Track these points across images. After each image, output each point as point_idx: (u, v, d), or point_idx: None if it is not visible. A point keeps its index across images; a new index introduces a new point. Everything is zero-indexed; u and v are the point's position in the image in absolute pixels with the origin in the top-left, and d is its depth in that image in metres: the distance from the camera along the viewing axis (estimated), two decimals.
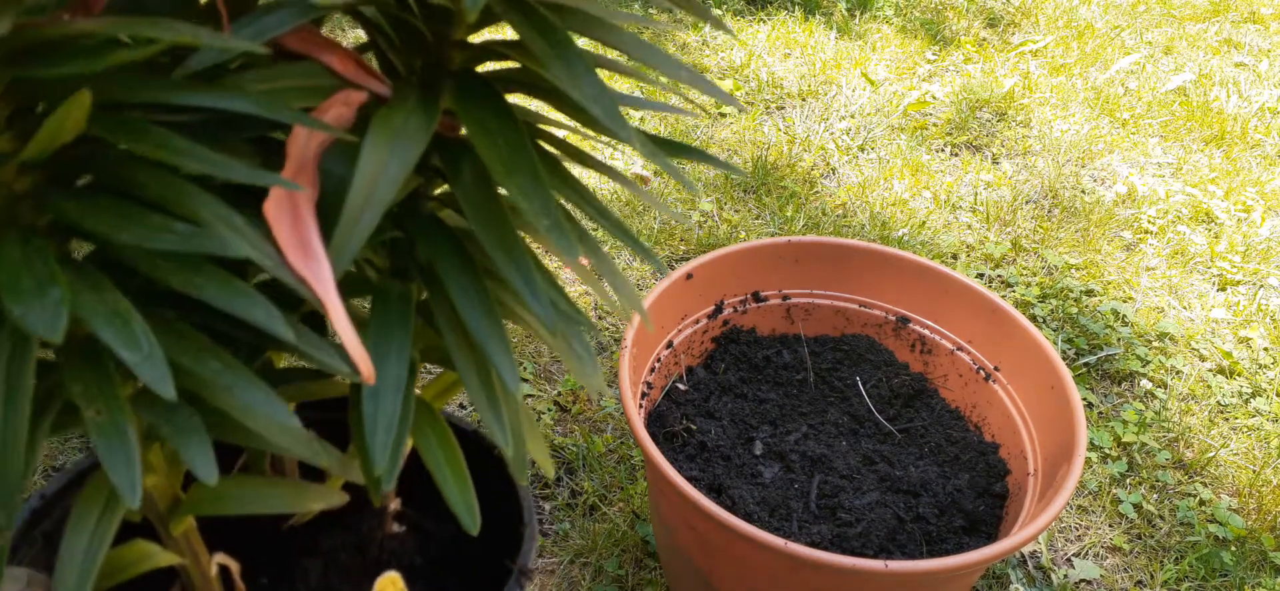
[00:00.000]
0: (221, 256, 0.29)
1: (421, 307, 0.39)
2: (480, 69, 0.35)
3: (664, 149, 0.38)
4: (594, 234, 1.24)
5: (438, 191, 0.40)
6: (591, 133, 0.37)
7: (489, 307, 0.33)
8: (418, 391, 0.42)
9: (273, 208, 0.29)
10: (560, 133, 0.40)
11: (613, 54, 0.38)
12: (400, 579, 0.35)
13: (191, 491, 0.37)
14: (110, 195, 0.28)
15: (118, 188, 0.28)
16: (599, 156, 0.43)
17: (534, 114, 0.40)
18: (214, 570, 0.41)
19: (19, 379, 0.26)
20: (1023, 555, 0.98)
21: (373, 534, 0.47)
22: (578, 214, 0.42)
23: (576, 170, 0.41)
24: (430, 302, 0.37)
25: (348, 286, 0.38)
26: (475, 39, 0.35)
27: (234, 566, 0.42)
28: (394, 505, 0.48)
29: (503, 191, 0.34)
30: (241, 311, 0.27)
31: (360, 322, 0.35)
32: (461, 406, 1.09)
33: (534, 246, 0.45)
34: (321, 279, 0.28)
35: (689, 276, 0.92)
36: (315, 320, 0.38)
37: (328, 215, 0.29)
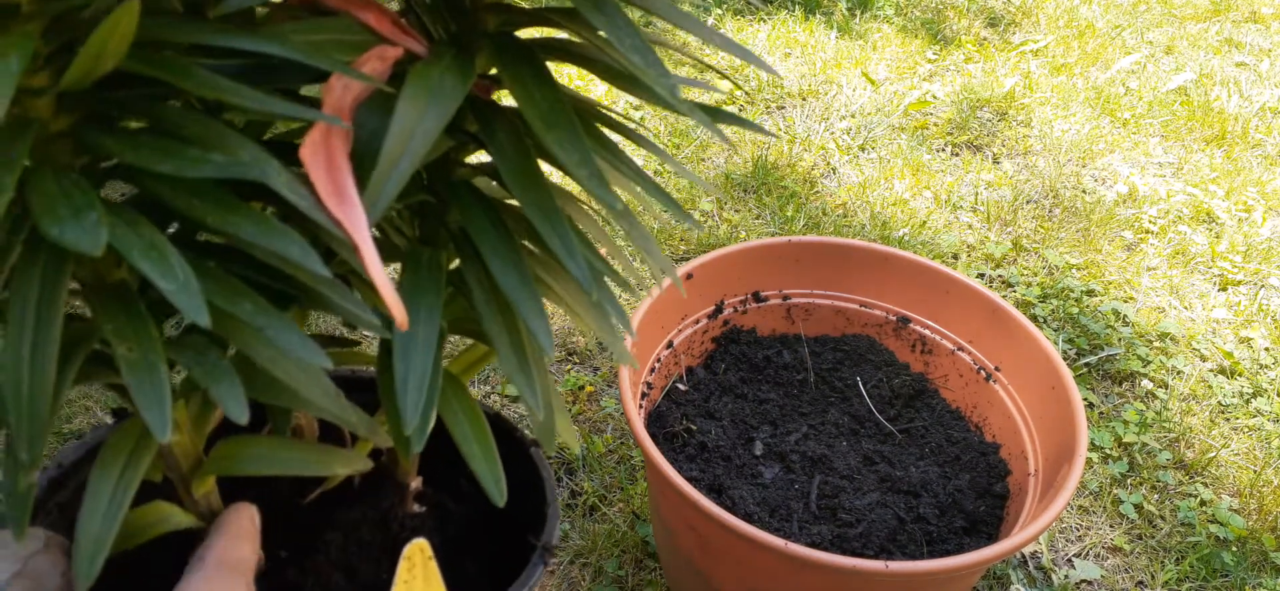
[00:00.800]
0: (256, 196, 0.29)
1: (450, 277, 0.39)
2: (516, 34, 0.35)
3: (706, 113, 0.38)
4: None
5: (469, 159, 0.40)
6: (630, 100, 0.38)
7: (523, 269, 0.33)
8: (444, 364, 0.42)
9: (309, 152, 0.29)
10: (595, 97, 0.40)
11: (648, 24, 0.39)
12: (428, 545, 0.35)
13: (214, 451, 0.37)
14: (149, 135, 0.28)
15: (156, 130, 0.28)
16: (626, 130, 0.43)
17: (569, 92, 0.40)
18: None
19: (49, 315, 0.26)
20: (1023, 555, 0.97)
21: (394, 511, 0.47)
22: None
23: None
24: (462, 266, 0.37)
25: (378, 249, 0.39)
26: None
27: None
28: (415, 483, 0.48)
29: (541, 156, 0.34)
30: (278, 247, 0.27)
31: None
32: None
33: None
34: (356, 223, 0.28)
35: (689, 276, 0.92)
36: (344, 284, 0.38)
37: (361, 168, 0.30)
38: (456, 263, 0.39)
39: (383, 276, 0.28)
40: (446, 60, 0.31)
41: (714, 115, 0.38)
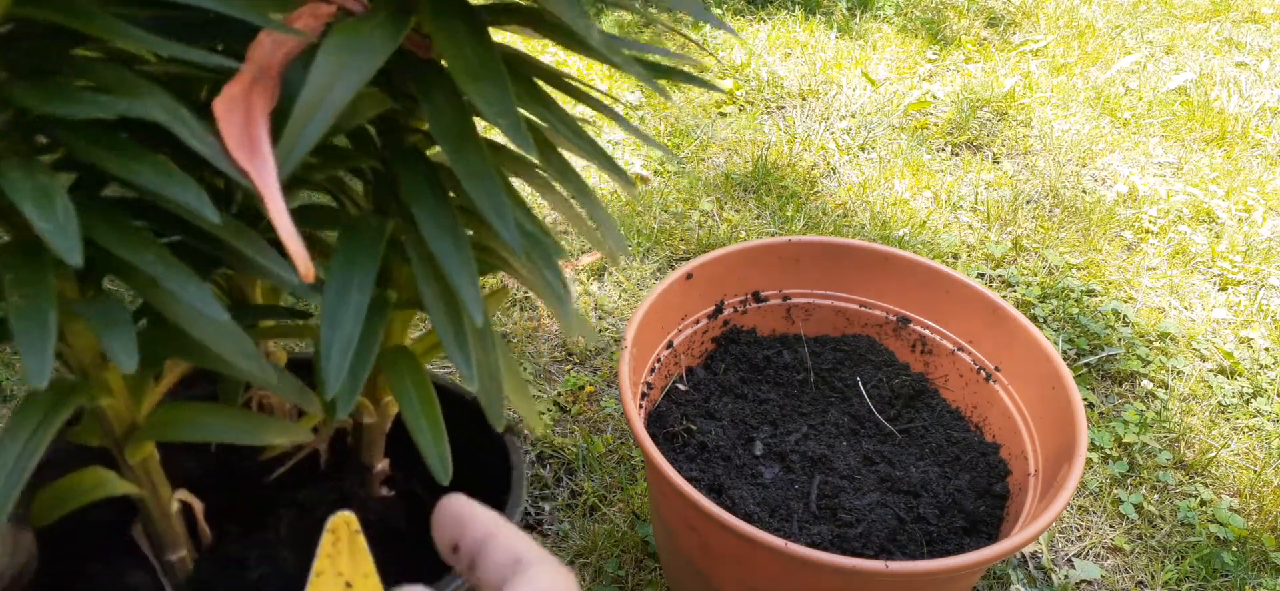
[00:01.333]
0: (160, 145, 0.29)
1: (401, 248, 0.38)
2: None
3: (651, 71, 0.37)
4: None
5: (424, 125, 0.39)
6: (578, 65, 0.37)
7: (458, 237, 0.33)
8: (407, 345, 0.42)
9: (222, 105, 0.28)
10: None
11: None
12: (355, 519, 0.34)
13: (150, 417, 0.36)
14: (54, 81, 0.27)
15: (63, 77, 0.28)
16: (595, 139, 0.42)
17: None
18: (175, 506, 0.40)
19: None
20: (1023, 555, 0.97)
21: (355, 492, 0.46)
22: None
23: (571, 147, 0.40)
24: (405, 237, 0.36)
25: (325, 218, 0.38)
26: None
27: (196, 504, 0.41)
28: (381, 466, 0.47)
29: (475, 113, 0.33)
30: (174, 194, 0.27)
31: (329, 251, 0.35)
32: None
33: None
34: (263, 174, 0.27)
35: (689, 276, 0.92)
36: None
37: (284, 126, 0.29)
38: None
39: (288, 227, 0.28)
40: (380, 17, 0.30)
41: (655, 72, 0.37)
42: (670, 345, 0.93)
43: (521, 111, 0.33)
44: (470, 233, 0.36)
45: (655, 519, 0.86)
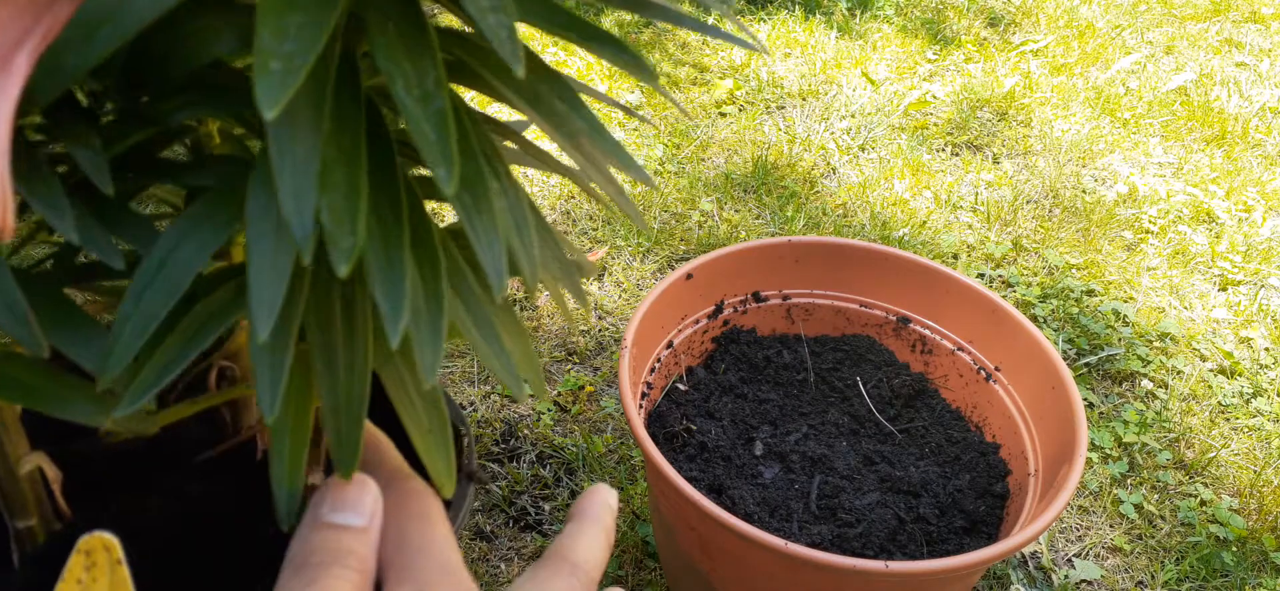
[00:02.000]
0: None
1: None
2: None
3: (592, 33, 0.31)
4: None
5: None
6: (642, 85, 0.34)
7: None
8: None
9: None
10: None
11: None
12: (116, 544, 0.28)
13: None
14: None
15: None
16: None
17: None
18: (26, 468, 0.36)
19: None
20: (1023, 555, 0.97)
21: (259, 487, 0.41)
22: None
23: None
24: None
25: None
26: None
27: (53, 472, 0.37)
28: (315, 478, 0.45)
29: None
30: None
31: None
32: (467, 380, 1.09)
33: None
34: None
35: (689, 276, 0.92)
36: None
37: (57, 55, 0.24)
38: None
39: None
40: None
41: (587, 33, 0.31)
42: (670, 345, 0.93)
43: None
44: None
45: (655, 519, 0.86)
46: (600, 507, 0.34)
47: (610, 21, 2.01)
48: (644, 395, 0.87)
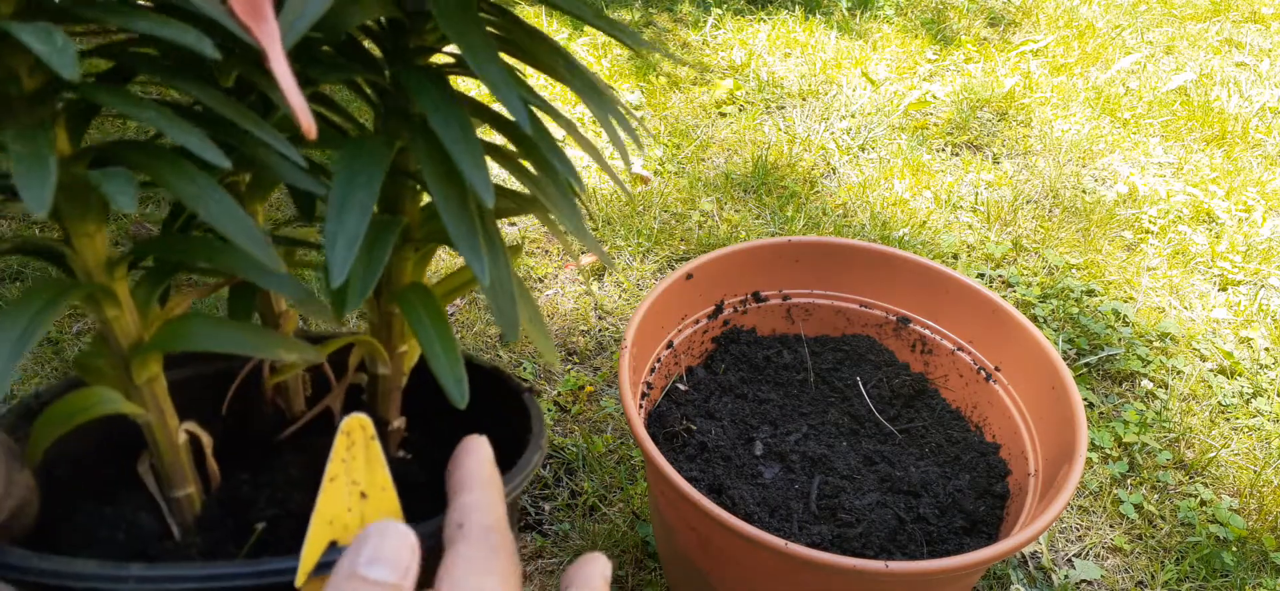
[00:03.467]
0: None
1: (411, 177, 0.39)
2: None
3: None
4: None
5: (434, 55, 0.40)
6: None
7: (465, 125, 0.33)
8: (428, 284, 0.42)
9: None
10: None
11: None
12: (370, 422, 0.34)
13: (155, 333, 0.36)
14: None
15: None
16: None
17: None
18: (181, 437, 0.39)
19: None
20: (1023, 555, 0.97)
21: None
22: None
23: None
24: (410, 143, 0.37)
25: (329, 141, 0.38)
26: None
27: (205, 437, 0.40)
28: (398, 424, 0.47)
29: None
30: (172, 35, 0.27)
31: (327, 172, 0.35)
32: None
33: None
34: (268, 35, 0.28)
35: (689, 276, 0.92)
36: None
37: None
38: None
39: (291, 83, 0.28)
40: None
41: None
42: (670, 345, 0.93)
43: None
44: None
45: (655, 519, 0.86)
46: (596, 579, 0.34)
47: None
48: (644, 395, 0.87)
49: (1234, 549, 0.98)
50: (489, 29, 0.36)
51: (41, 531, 0.38)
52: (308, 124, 0.28)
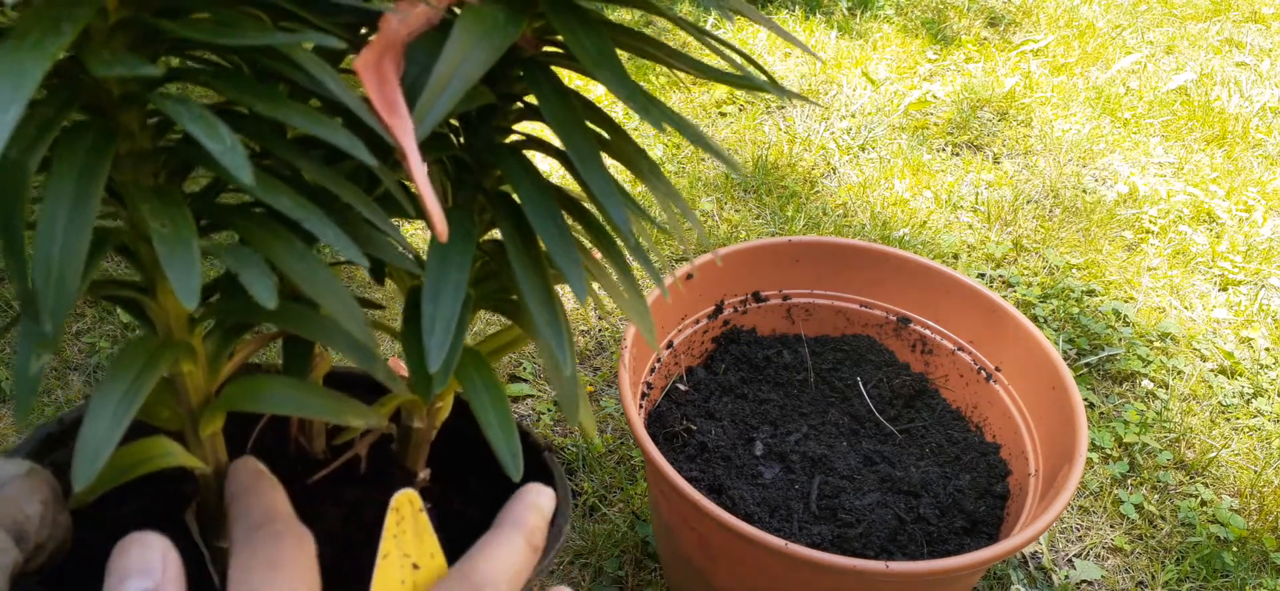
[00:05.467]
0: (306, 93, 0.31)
1: (480, 251, 0.40)
2: None
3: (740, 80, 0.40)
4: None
5: (515, 128, 0.41)
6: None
7: (561, 222, 0.35)
8: (469, 343, 0.43)
9: (362, 66, 0.31)
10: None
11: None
12: (417, 497, 0.35)
13: (226, 389, 0.36)
14: (208, 23, 0.29)
15: (215, 21, 0.29)
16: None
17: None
18: None
19: (89, 188, 0.27)
20: (1024, 555, 0.97)
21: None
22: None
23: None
24: (497, 224, 0.38)
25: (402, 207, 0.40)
26: None
27: None
28: (423, 475, 0.48)
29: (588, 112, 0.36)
30: (325, 134, 0.28)
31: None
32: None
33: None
34: (404, 132, 0.30)
35: (689, 276, 0.92)
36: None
37: (409, 98, 0.32)
38: (490, 235, 0.40)
39: (427, 185, 0.29)
40: (500, 5, 0.33)
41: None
42: (670, 345, 0.92)
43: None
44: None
45: (655, 519, 0.86)
46: (524, 511, 0.34)
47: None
48: (644, 395, 0.87)
49: (1234, 549, 0.98)
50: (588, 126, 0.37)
51: (76, 567, 0.37)
52: (441, 229, 0.30)
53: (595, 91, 1.64)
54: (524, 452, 0.48)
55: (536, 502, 0.34)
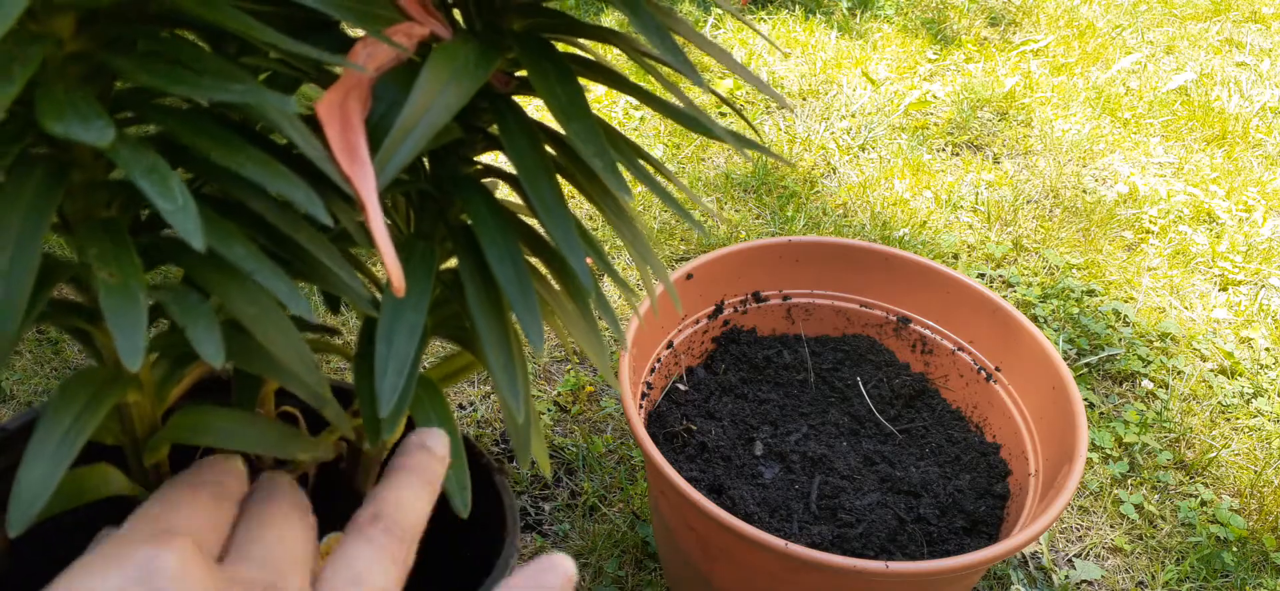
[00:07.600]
0: (262, 142, 0.30)
1: (440, 277, 0.39)
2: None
3: (735, 138, 0.39)
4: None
5: (479, 159, 0.40)
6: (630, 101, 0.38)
7: (520, 262, 0.34)
8: (423, 370, 0.42)
9: (324, 109, 0.29)
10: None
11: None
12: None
13: (174, 419, 0.35)
14: (165, 62, 0.27)
15: (173, 61, 0.28)
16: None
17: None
18: None
19: (34, 227, 0.26)
20: (1024, 556, 0.97)
21: (346, 518, 0.46)
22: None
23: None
24: (458, 259, 0.37)
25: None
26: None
27: None
28: None
29: (556, 148, 0.35)
30: (282, 189, 0.27)
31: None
32: (460, 407, 1.09)
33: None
34: (365, 182, 0.28)
35: (689, 276, 0.92)
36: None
37: (373, 138, 0.30)
38: (449, 263, 0.39)
39: (386, 238, 0.28)
40: (472, 45, 0.32)
41: (741, 141, 0.39)
42: (670, 345, 0.92)
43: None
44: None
45: (655, 519, 0.86)
46: (410, 455, 0.32)
47: (611, 20, 2.01)
48: (644, 395, 0.87)
49: (1234, 549, 0.98)
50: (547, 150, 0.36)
51: (14, 580, 0.37)
52: (399, 284, 0.29)
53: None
54: (474, 474, 0.48)
55: (422, 443, 0.33)
